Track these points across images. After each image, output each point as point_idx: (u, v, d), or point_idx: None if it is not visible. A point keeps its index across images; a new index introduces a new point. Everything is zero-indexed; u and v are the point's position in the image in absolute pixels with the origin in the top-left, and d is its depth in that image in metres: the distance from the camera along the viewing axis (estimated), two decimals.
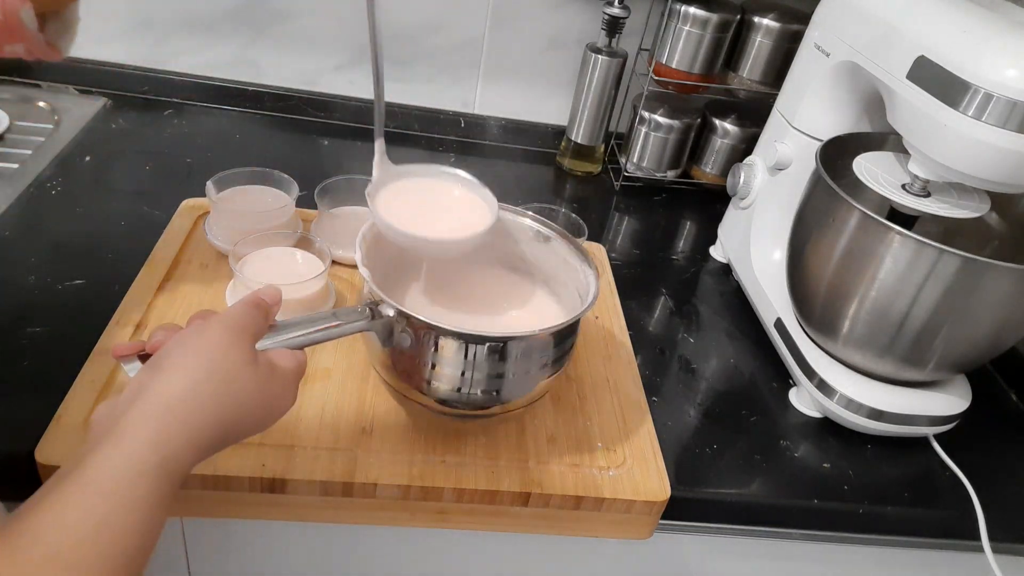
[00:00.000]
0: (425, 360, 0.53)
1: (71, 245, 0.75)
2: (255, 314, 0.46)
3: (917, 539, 0.69)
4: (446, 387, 0.54)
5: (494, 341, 0.53)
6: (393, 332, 0.53)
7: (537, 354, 0.55)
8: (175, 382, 0.40)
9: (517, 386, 0.56)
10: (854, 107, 0.76)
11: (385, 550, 0.68)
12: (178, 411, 0.39)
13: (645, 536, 0.64)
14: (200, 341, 0.42)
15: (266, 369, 0.44)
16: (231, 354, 0.42)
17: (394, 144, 1.08)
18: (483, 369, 0.53)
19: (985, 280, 0.59)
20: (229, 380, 0.41)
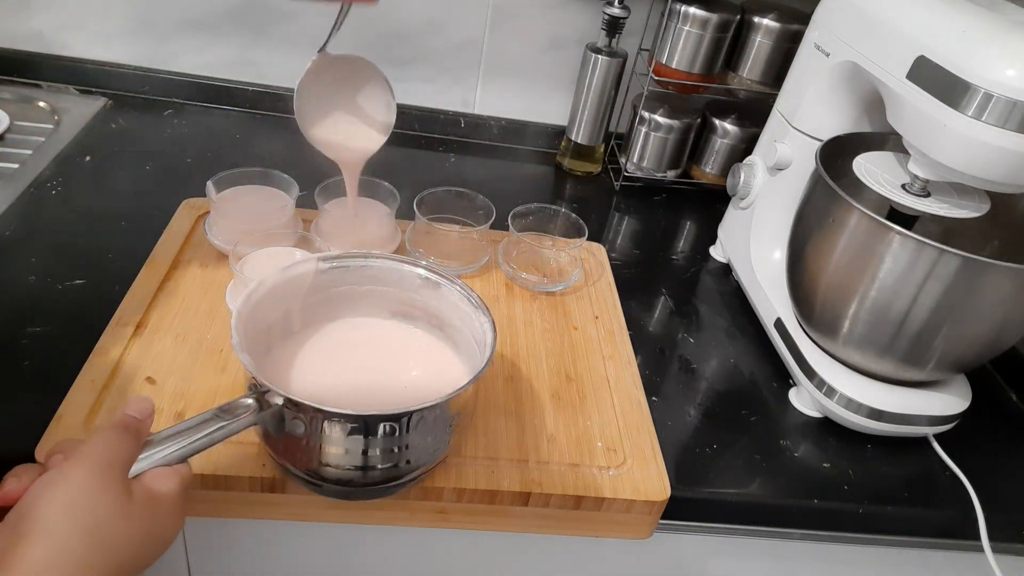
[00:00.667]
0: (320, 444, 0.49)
1: (71, 245, 0.75)
2: (124, 440, 0.40)
3: (917, 539, 0.69)
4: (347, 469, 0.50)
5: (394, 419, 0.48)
6: (284, 420, 0.48)
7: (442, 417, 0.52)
8: (38, 550, 0.34)
9: (424, 453, 0.52)
10: (854, 107, 0.76)
11: (385, 550, 0.68)
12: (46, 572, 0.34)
13: (645, 536, 0.64)
14: (62, 491, 0.36)
15: (144, 503, 0.39)
16: (102, 500, 0.37)
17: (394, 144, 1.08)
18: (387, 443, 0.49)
19: (985, 280, 0.59)
20: (102, 531, 0.36)
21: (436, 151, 1.08)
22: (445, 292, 0.61)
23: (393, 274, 0.62)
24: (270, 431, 0.50)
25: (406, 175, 0.97)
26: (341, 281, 0.62)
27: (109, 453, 0.39)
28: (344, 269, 0.61)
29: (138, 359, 0.62)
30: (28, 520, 0.35)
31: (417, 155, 1.07)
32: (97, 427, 0.41)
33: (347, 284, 0.62)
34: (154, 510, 0.39)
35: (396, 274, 0.62)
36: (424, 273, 0.61)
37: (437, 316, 0.62)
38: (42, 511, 0.36)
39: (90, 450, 0.39)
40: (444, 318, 0.62)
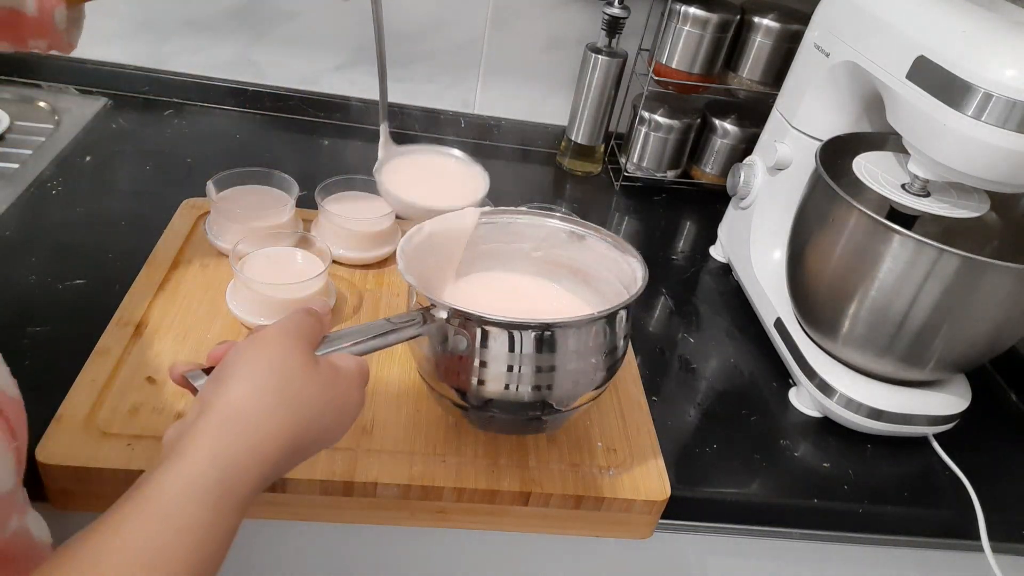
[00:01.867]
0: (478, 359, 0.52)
1: (72, 245, 0.75)
2: (310, 320, 0.45)
3: (917, 539, 0.69)
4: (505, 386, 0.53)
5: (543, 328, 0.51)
6: (447, 335, 0.52)
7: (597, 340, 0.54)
8: (235, 392, 0.39)
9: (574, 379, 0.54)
10: (854, 107, 0.76)
11: (385, 549, 0.68)
12: (239, 421, 0.38)
13: (645, 536, 0.64)
14: (258, 349, 0.41)
15: (329, 371, 0.43)
16: (291, 358, 0.41)
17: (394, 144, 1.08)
18: (542, 361, 0.52)
19: (985, 280, 0.59)
20: (292, 384, 0.40)
21: None
22: (590, 243, 0.62)
23: (539, 230, 0.64)
24: (434, 347, 0.53)
25: None
26: (490, 237, 0.64)
27: (299, 326, 0.43)
28: (493, 225, 0.63)
29: (138, 359, 0.62)
30: (230, 368, 0.40)
31: None
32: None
33: (496, 241, 0.64)
34: (336, 380, 0.43)
35: (542, 230, 0.64)
36: (569, 227, 0.63)
37: (583, 271, 0.64)
38: (242, 360, 0.40)
39: (282, 323, 0.43)
40: (590, 271, 0.63)
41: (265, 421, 0.38)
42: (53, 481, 0.54)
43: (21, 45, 0.55)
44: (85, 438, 0.55)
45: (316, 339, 0.45)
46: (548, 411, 0.55)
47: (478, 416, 0.56)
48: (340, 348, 0.46)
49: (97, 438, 0.55)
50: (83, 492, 0.55)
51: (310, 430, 0.40)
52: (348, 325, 0.70)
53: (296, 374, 0.40)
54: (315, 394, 0.41)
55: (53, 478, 0.54)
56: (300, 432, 0.40)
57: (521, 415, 0.55)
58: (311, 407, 0.40)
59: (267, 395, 0.39)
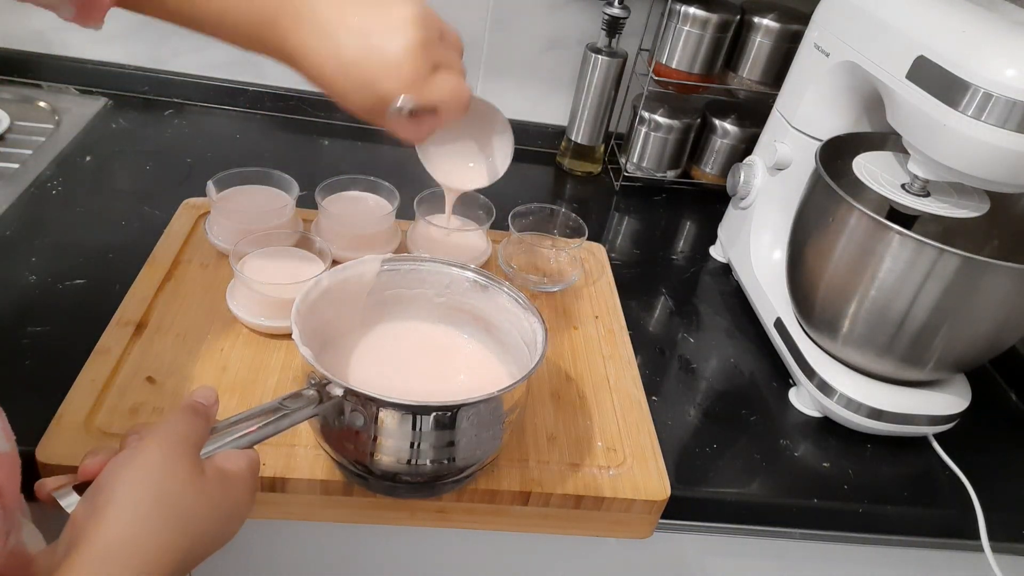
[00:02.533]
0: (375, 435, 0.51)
1: (72, 245, 0.75)
2: (195, 421, 0.41)
3: (917, 538, 0.69)
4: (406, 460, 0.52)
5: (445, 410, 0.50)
6: (344, 412, 0.50)
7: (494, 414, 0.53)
8: (112, 521, 0.35)
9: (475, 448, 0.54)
10: (854, 107, 0.76)
11: (385, 549, 0.68)
12: (119, 556, 0.34)
13: (645, 535, 0.64)
14: (138, 466, 0.37)
15: (216, 479, 0.40)
16: (175, 474, 0.37)
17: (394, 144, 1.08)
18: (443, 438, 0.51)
19: (984, 280, 0.59)
20: (176, 503, 0.37)
21: None
22: (492, 294, 0.61)
23: (443, 277, 0.63)
24: (329, 422, 0.51)
25: (406, 175, 0.97)
26: (392, 284, 0.63)
27: (181, 431, 0.40)
28: (395, 272, 0.62)
29: (138, 359, 0.62)
30: (105, 494, 0.36)
31: (417, 155, 1.06)
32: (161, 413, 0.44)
33: (398, 287, 0.63)
34: (225, 486, 0.40)
35: (446, 277, 0.63)
36: (472, 276, 0.62)
37: (484, 319, 0.63)
38: (119, 486, 0.36)
39: (163, 429, 0.40)
40: (492, 321, 0.62)
41: (147, 552, 0.35)
42: None
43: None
44: (85, 438, 0.55)
45: (201, 440, 0.41)
46: (451, 476, 0.55)
47: (378, 484, 0.56)
48: (226, 444, 0.43)
49: (97, 438, 0.55)
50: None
51: (198, 545, 0.38)
52: None
53: (181, 490, 0.37)
54: (203, 508, 0.38)
55: None
56: (188, 551, 0.37)
57: (423, 483, 0.55)
58: (199, 522, 0.38)
59: (149, 521, 0.36)
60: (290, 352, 0.65)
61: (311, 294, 0.56)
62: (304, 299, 0.55)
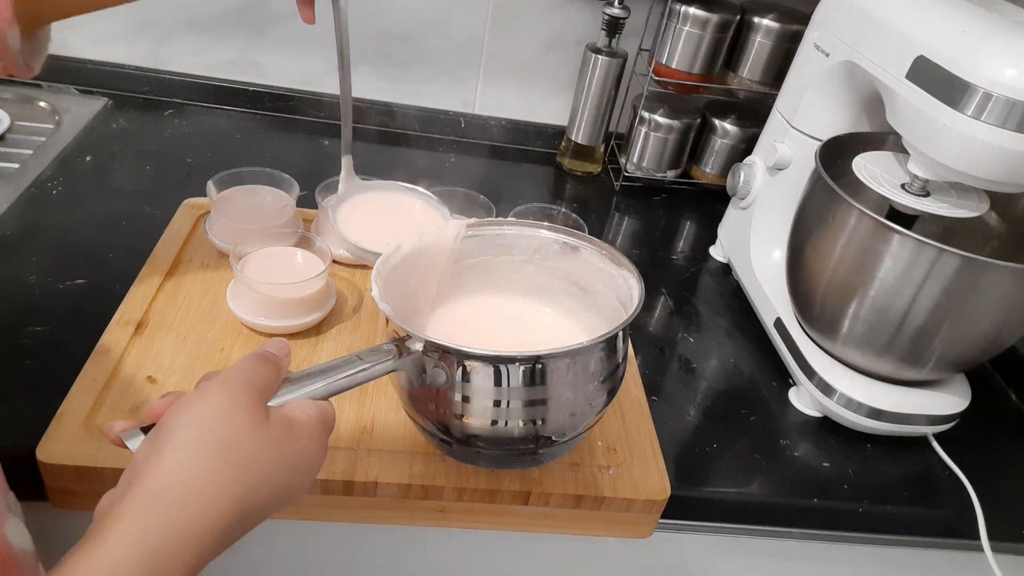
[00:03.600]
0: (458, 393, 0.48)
1: (72, 245, 0.75)
2: (262, 368, 0.40)
3: (917, 538, 0.69)
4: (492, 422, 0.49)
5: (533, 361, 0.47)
6: (425, 368, 0.48)
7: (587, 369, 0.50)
8: (167, 462, 0.35)
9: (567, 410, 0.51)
10: (854, 107, 0.76)
11: (385, 549, 0.68)
12: (169, 496, 0.34)
13: (645, 535, 0.64)
14: (198, 408, 0.37)
15: (281, 427, 0.39)
16: (235, 418, 0.37)
17: (394, 144, 1.09)
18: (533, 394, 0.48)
19: (984, 279, 0.59)
20: (235, 446, 0.36)
21: (436, 151, 1.08)
22: (584, 255, 0.59)
23: (531, 242, 0.60)
24: (412, 382, 0.49)
25: (406, 175, 0.97)
26: (478, 251, 0.60)
27: (246, 376, 0.39)
28: (479, 238, 0.59)
29: (139, 359, 0.62)
30: (164, 432, 0.36)
31: (417, 155, 1.07)
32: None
33: (484, 254, 0.60)
34: (291, 435, 0.39)
35: (534, 241, 0.60)
36: (562, 238, 0.59)
37: (577, 283, 0.60)
38: (177, 424, 0.36)
39: (229, 374, 0.39)
40: (585, 284, 0.59)
41: (201, 494, 0.34)
42: (53, 480, 0.54)
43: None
44: (86, 437, 0.55)
45: (270, 388, 0.41)
46: (544, 444, 0.52)
47: (463, 452, 0.53)
48: (301, 393, 0.42)
49: (98, 437, 0.55)
50: (83, 491, 0.55)
51: (259, 495, 0.37)
52: (347, 325, 0.70)
53: (241, 435, 0.37)
54: (264, 455, 0.37)
55: (53, 477, 0.54)
56: (247, 499, 0.36)
57: (512, 449, 0.52)
58: (259, 470, 0.37)
59: (204, 463, 0.35)
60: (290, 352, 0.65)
61: (392, 258, 0.54)
62: (385, 262, 0.54)
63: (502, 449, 0.52)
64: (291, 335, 0.67)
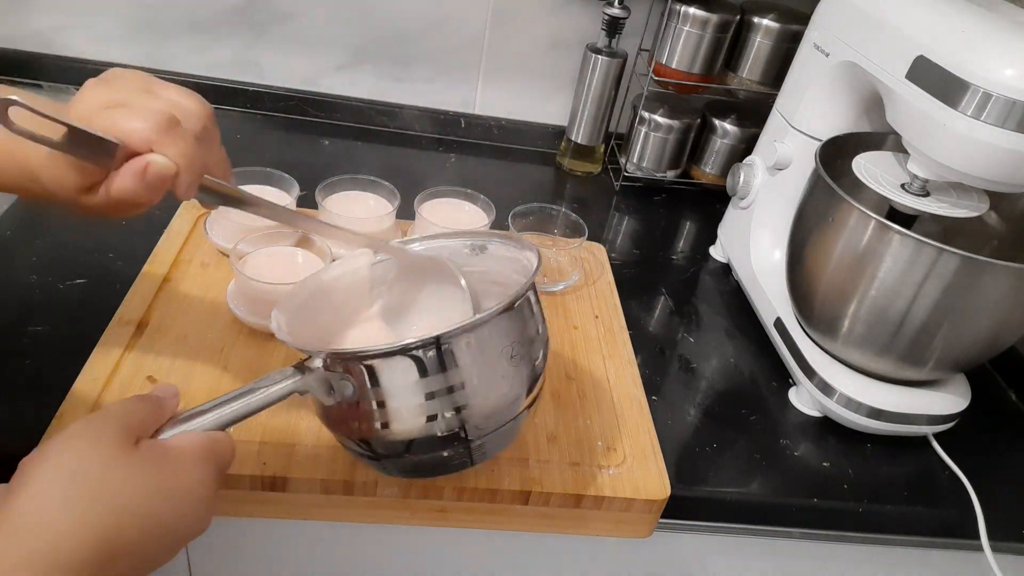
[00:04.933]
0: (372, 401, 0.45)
1: (72, 244, 0.75)
2: (134, 406, 0.39)
3: (916, 538, 0.69)
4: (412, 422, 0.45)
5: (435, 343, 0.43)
6: (332, 385, 0.45)
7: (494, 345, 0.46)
8: (23, 500, 0.33)
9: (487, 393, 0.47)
10: (854, 107, 0.76)
11: (385, 548, 0.68)
12: (28, 532, 0.33)
13: (645, 535, 0.64)
14: (53, 447, 0.35)
15: (151, 455, 0.37)
16: (95, 447, 0.35)
17: (394, 144, 1.09)
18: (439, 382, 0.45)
19: (984, 279, 0.59)
20: (93, 478, 0.35)
21: (436, 151, 1.08)
22: (493, 250, 0.57)
23: (440, 252, 0.58)
24: (325, 405, 0.47)
25: (406, 175, 0.97)
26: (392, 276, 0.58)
27: (111, 412, 0.38)
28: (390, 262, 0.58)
29: (139, 358, 0.62)
30: (19, 477, 0.35)
31: (417, 155, 1.07)
32: None
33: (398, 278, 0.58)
34: (162, 461, 0.37)
35: (443, 251, 0.58)
36: (468, 241, 0.58)
37: (496, 281, 0.57)
38: (34, 461, 0.35)
39: (96, 412, 0.38)
40: (502, 279, 0.57)
41: (59, 525, 0.33)
42: None
43: None
44: None
45: (144, 424, 0.39)
46: (476, 434, 0.48)
47: (394, 464, 0.50)
48: (188, 427, 0.40)
49: None
50: None
51: (126, 524, 0.35)
52: None
53: (100, 463, 0.35)
54: (127, 483, 0.35)
55: None
56: (111, 528, 0.34)
57: (443, 451, 0.48)
58: (121, 499, 0.35)
59: (56, 492, 0.34)
60: (291, 352, 0.65)
61: (296, 296, 0.53)
62: (289, 301, 0.52)
63: (433, 452, 0.48)
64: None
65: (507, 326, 0.48)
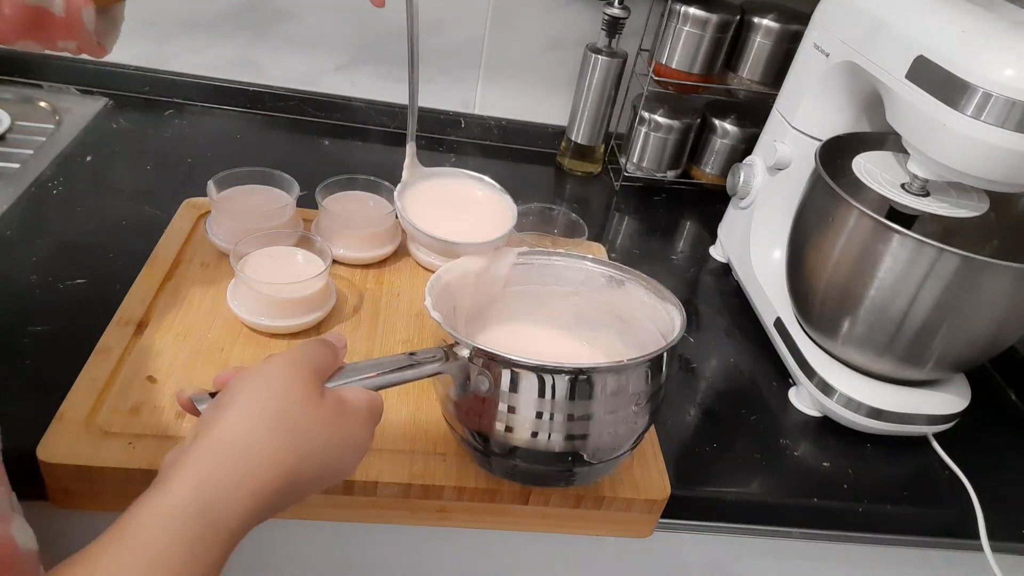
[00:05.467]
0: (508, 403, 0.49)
1: (72, 244, 0.75)
2: (322, 350, 0.43)
3: (916, 538, 0.69)
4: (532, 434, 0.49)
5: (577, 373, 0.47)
6: (470, 375, 0.49)
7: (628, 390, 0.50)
8: (230, 420, 0.37)
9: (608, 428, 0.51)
10: (853, 107, 0.76)
11: (385, 548, 0.68)
12: (229, 450, 0.36)
13: (645, 535, 0.64)
14: (260, 376, 0.40)
15: (333, 406, 0.41)
16: (293, 389, 0.39)
17: (394, 144, 1.09)
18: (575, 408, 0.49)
19: (984, 279, 0.59)
20: (291, 414, 0.38)
21: (436, 151, 1.08)
22: (629, 289, 0.60)
23: (577, 273, 0.61)
24: (456, 389, 0.51)
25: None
26: (525, 279, 0.61)
27: (308, 354, 0.42)
28: (528, 267, 0.61)
29: (139, 358, 0.62)
30: (228, 395, 0.39)
31: (418, 155, 1.07)
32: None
33: (531, 282, 0.61)
34: (342, 415, 0.41)
35: (580, 273, 0.61)
36: (608, 271, 0.61)
37: (621, 317, 0.61)
38: (240, 389, 0.39)
39: (291, 351, 0.42)
40: (628, 318, 0.60)
41: (257, 451, 0.37)
42: (54, 480, 0.54)
43: (49, 45, 0.53)
44: (86, 437, 0.55)
45: (327, 371, 0.43)
46: (580, 463, 0.52)
47: (500, 464, 0.54)
48: (353, 381, 0.44)
49: (98, 437, 0.55)
50: (84, 491, 0.55)
51: (309, 465, 0.39)
52: (347, 325, 0.70)
53: (297, 404, 0.39)
54: (317, 427, 0.39)
55: (54, 477, 0.54)
56: (297, 466, 0.38)
57: (549, 466, 0.52)
58: (311, 440, 0.39)
59: (262, 424, 0.37)
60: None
61: (445, 276, 0.57)
62: (438, 279, 0.56)
63: (539, 464, 0.52)
64: (291, 335, 0.67)
65: (640, 376, 0.51)
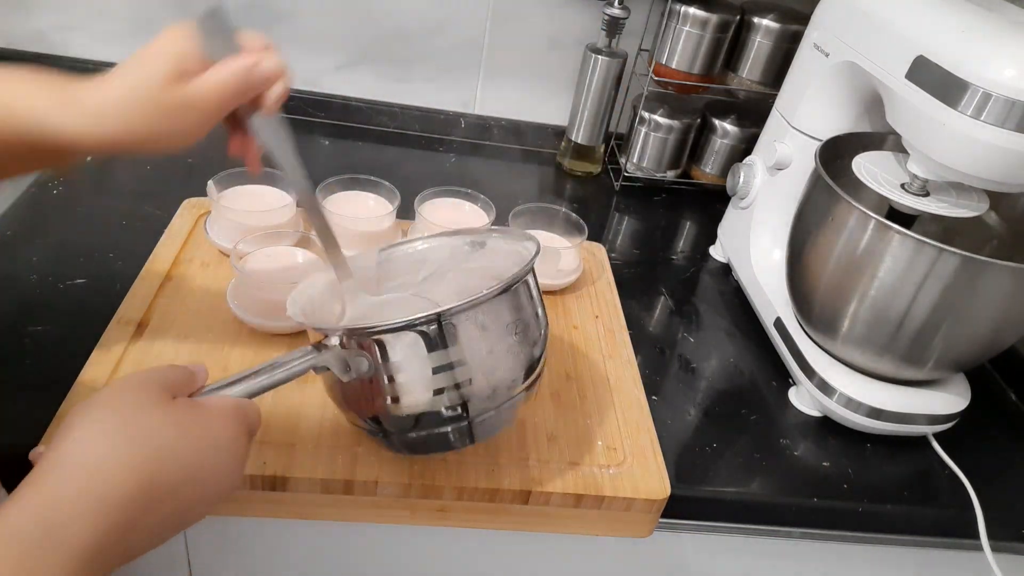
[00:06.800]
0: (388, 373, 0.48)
1: (72, 244, 0.75)
2: (173, 370, 0.42)
3: (916, 538, 0.70)
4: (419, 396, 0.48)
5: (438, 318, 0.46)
6: (348, 362, 0.48)
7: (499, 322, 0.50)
8: (67, 440, 0.36)
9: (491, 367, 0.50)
10: (853, 107, 0.76)
11: (385, 548, 0.68)
12: (67, 464, 0.35)
13: (645, 534, 0.64)
14: (100, 395, 0.39)
15: (186, 407, 0.40)
16: (136, 399, 0.38)
17: (394, 144, 1.09)
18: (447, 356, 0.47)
19: (984, 279, 0.59)
20: (135, 420, 0.37)
21: (436, 151, 1.08)
22: (492, 246, 0.58)
23: (441, 251, 0.59)
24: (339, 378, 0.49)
25: (406, 175, 0.97)
26: (396, 273, 0.60)
27: (151, 374, 0.41)
28: (393, 261, 0.59)
29: (139, 358, 0.62)
30: (69, 418, 0.38)
31: (417, 155, 1.07)
32: None
33: (403, 275, 0.60)
34: (195, 410, 0.40)
35: (443, 250, 0.59)
36: (467, 238, 0.59)
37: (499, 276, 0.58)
38: (80, 409, 0.38)
39: (136, 372, 0.41)
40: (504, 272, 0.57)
41: (99, 462, 0.35)
42: None
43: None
44: None
45: (177, 386, 0.41)
46: (476, 412, 0.51)
47: (403, 440, 0.53)
48: (211, 390, 0.43)
49: None
50: None
51: (166, 468, 0.37)
52: None
53: (141, 412, 0.38)
54: (166, 428, 0.38)
55: None
56: (152, 472, 0.36)
57: (447, 425, 0.51)
58: (159, 440, 0.37)
59: (103, 435, 0.36)
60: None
61: (307, 291, 0.55)
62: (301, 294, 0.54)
63: (437, 426, 0.51)
64: (291, 335, 0.67)
65: (505, 307, 0.50)
